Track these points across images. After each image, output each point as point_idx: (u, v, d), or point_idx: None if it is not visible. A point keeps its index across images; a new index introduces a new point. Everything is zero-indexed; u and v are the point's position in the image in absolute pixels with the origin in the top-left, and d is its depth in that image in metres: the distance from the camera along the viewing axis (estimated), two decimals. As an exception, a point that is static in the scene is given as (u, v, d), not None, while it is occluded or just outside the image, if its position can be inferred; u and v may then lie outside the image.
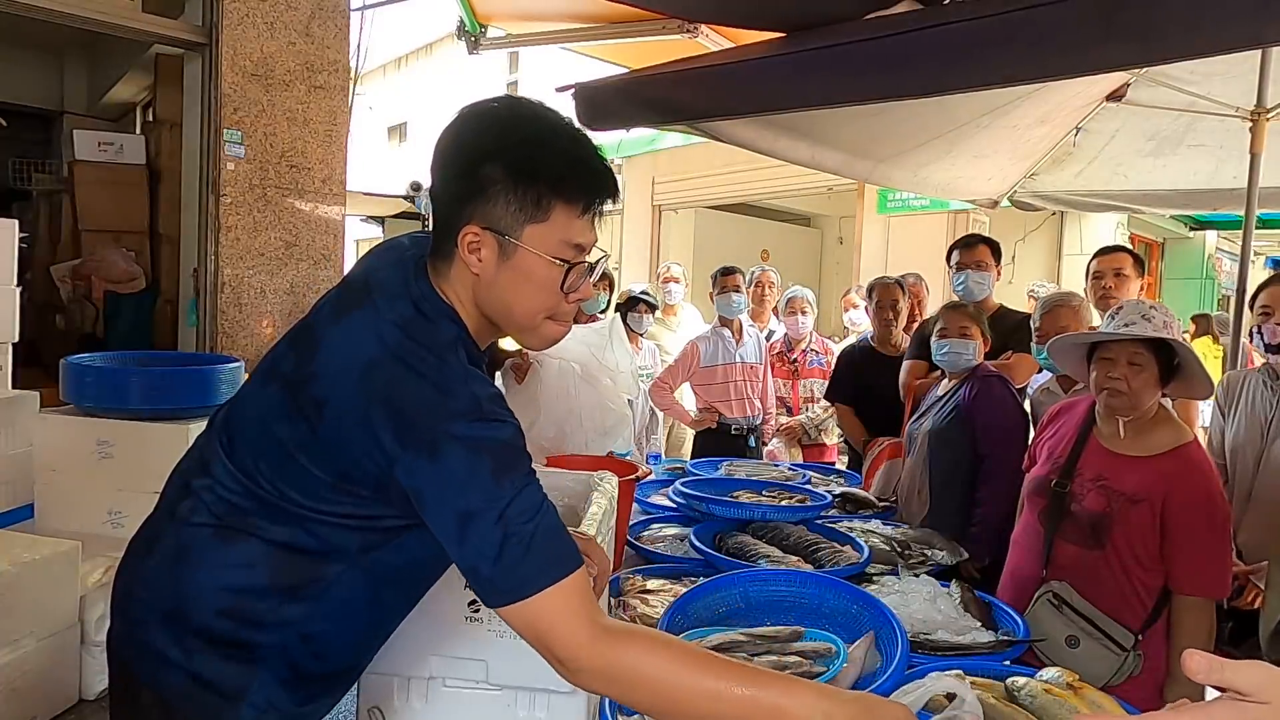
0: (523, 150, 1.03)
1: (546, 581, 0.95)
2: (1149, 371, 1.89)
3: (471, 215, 1.03)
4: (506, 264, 1.04)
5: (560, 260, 1.05)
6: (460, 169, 1.05)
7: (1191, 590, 1.83)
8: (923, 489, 2.65)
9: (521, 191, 1.02)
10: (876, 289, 3.69)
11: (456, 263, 1.07)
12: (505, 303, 1.07)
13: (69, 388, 3.11)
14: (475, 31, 3.82)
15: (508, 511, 0.96)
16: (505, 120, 1.05)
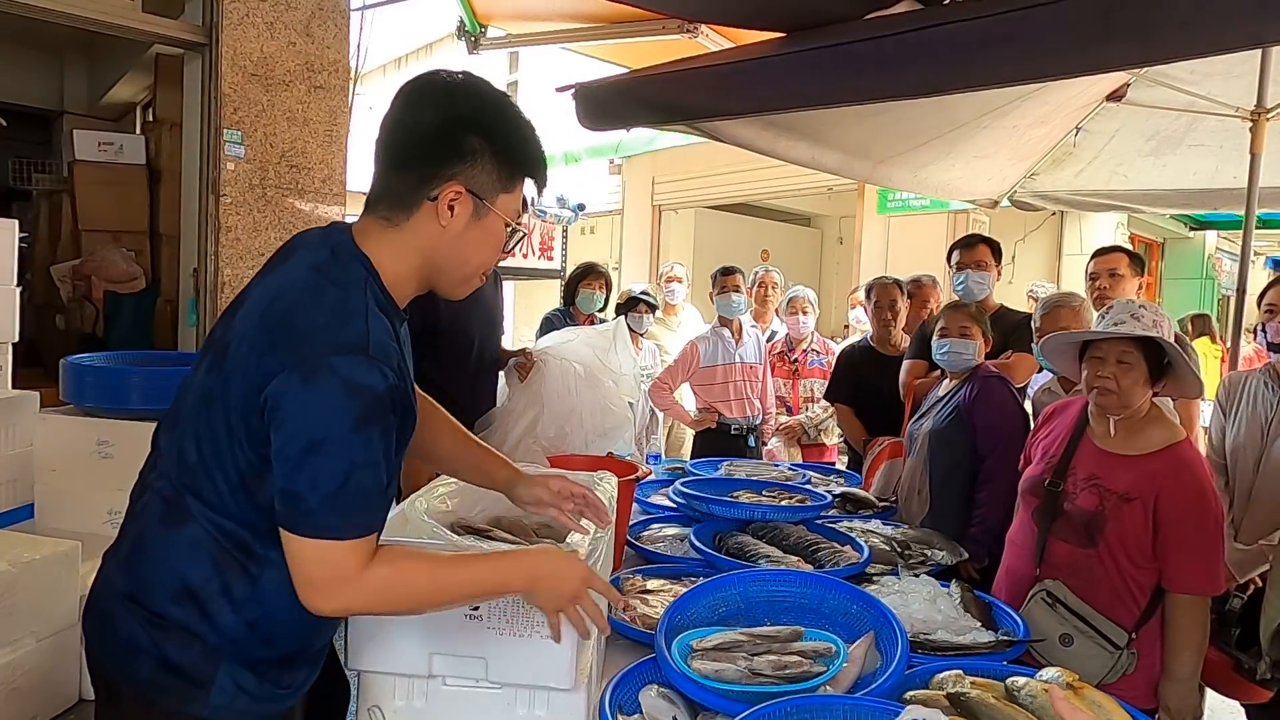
0: (506, 129, 1.18)
1: (352, 534, 1.05)
2: (1138, 370, 1.89)
3: (452, 176, 1.14)
4: (477, 224, 1.17)
5: (510, 226, 1.21)
6: (441, 134, 1.15)
7: (1184, 588, 1.83)
8: (923, 489, 2.65)
9: (503, 162, 1.17)
10: (875, 289, 3.69)
11: (417, 218, 1.16)
12: (464, 256, 1.19)
13: (69, 388, 3.11)
14: (475, 31, 3.83)
15: (355, 459, 1.04)
16: (487, 96, 1.18)
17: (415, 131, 1.16)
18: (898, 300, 3.61)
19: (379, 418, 1.07)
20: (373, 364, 1.06)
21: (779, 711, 1.26)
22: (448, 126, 1.15)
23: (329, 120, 4.83)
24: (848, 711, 1.28)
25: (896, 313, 3.59)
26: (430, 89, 1.19)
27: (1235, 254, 3.79)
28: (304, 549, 1.05)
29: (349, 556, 1.06)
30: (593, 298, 4.22)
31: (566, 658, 1.20)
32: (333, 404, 1.03)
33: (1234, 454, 2.48)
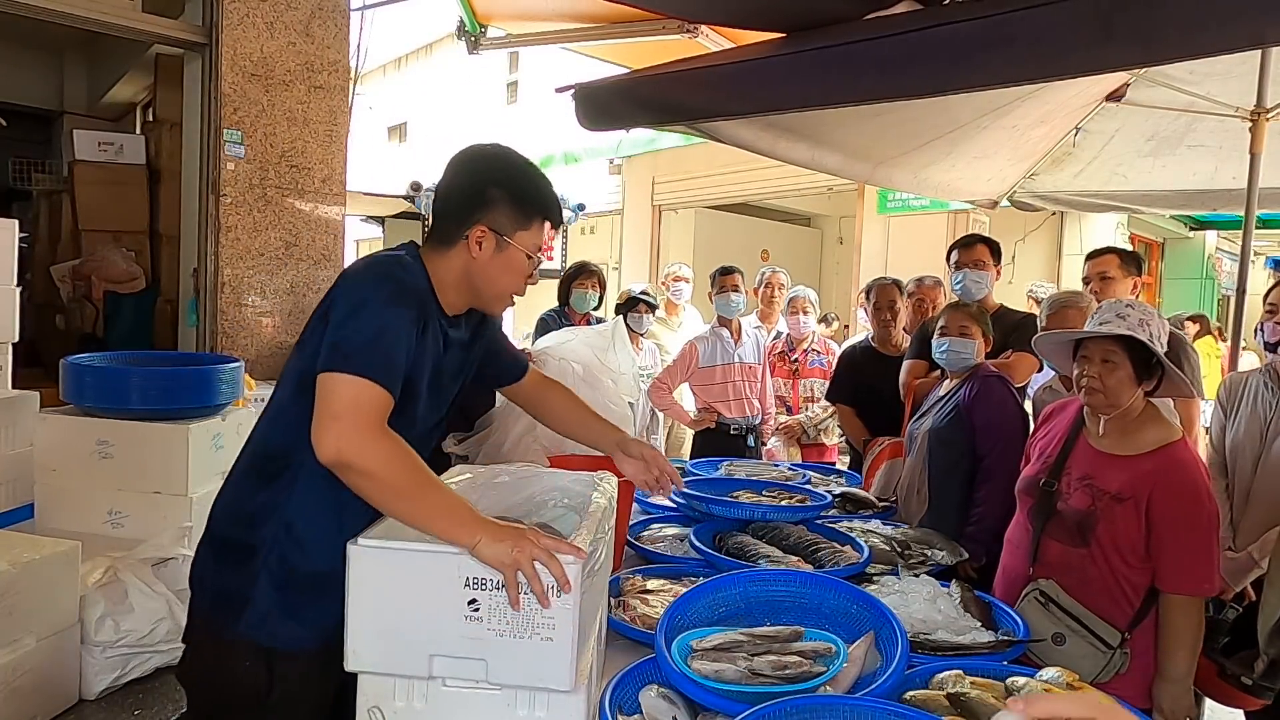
0: (521, 181, 1.51)
1: (378, 379, 1.28)
2: (1123, 369, 1.90)
3: (478, 221, 1.46)
4: (500, 255, 1.48)
5: (531, 257, 1.52)
6: (471, 189, 1.49)
7: (1177, 588, 1.82)
8: (921, 488, 2.65)
9: (518, 207, 1.48)
10: (874, 290, 3.70)
11: (457, 249, 1.49)
12: (492, 279, 1.50)
13: (69, 388, 3.11)
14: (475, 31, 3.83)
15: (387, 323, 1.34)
16: (505, 159, 1.53)
17: (453, 190, 1.51)
18: (896, 300, 3.61)
19: (409, 305, 1.38)
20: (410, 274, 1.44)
21: (779, 712, 1.26)
22: (474, 183, 1.49)
23: (329, 120, 4.83)
24: (848, 712, 1.28)
25: (896, 313, 3.60)
26: (464, 157, 1.53)
27: (1235, 254, 3.79)
28: (336, 383, 1.27)
29: (370, 398, 1.28)
30: (586, 297, 4.22)
31: (566, 659, 1.20)
32: (372, 283, 1.38)
33: (1234, 454, 2.48)
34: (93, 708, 2.54)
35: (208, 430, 3.15)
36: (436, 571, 1.21)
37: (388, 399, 1.30)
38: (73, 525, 3.00)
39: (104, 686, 2.56)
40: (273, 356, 4.68)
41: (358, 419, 1.26)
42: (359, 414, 1.26)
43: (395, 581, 1.22)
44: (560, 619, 1.20)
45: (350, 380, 1.27)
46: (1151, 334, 1.90)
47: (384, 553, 1.23)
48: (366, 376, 1.27)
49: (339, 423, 1.25)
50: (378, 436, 1.27)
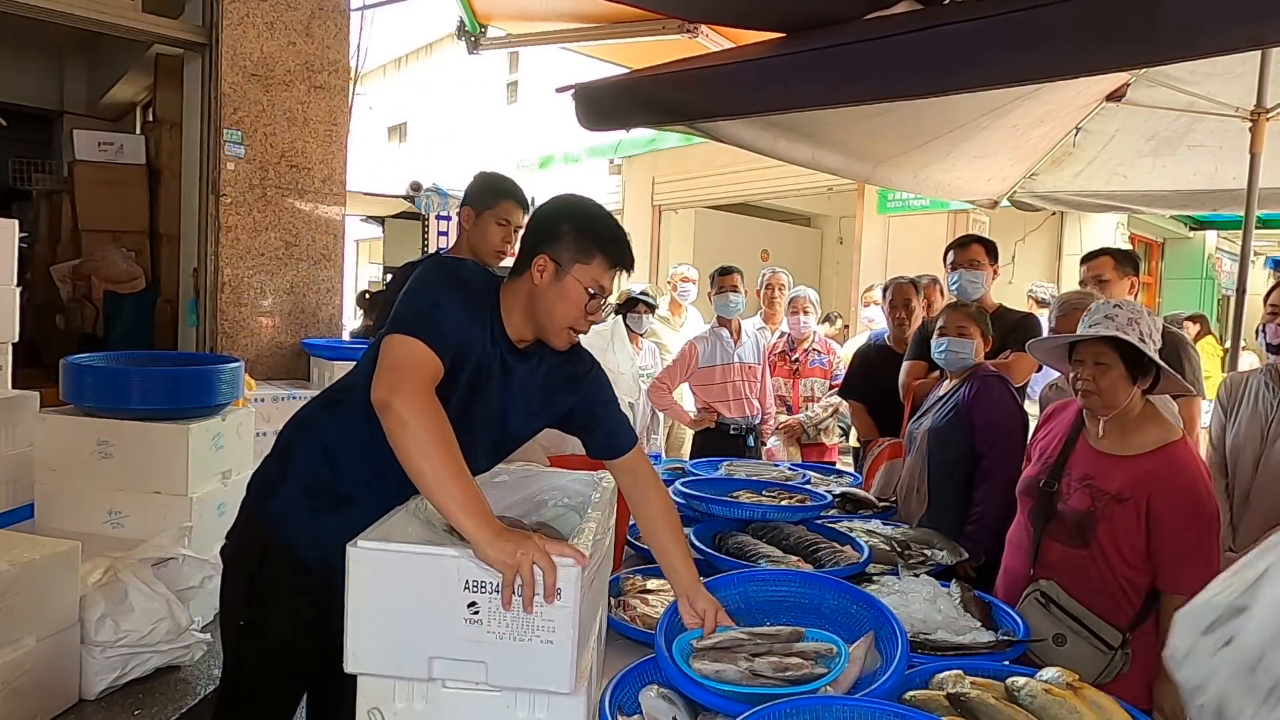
0: (586, 220, 1.61)
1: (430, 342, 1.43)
2: (1116, 370, 1.90)
3: (544, 249, 1.57)
4: (557, 283, 1.57)
5: (589, 291, 1.57)
6: (545, 223, 1.61)
7: (1178, 589, 1.82)
8: (921, 487, 2.65)
9: (579, 241, 1.57)
10: (891, 288, 3.70)
11: (524, 277, 1.60)
12: (550, 308, 1.58)
13: (69, 388, 3.10)
14: (475, 31, 3.83)
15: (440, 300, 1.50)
16: (582, 203, 1.65)
17: (530, 226, 1.65)
18: (912, 299, 3.62)
19: (462, 291, 1.54)
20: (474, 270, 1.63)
21: (779, 712, 1.26)
22: (549, 219, 1.61)
23: (329, 120, 4.83)
24: (848, 712, 1.28)
25: (911, 311, 3.60)
26: (550, 200, 1.67)
27: (1235, 254, 3.79)
28: (393, 342, 1.44)
29: (420, 355, 1.42)
30: None
31: (566, 661, 1.20)
32: (435, 268, 1.57)
33: (1234, 454, 2.48)
34: (93, 708, 2.54)
35: (208, 430, 3.14)
36: (436, 574, 1.21)
37: (436, 362, 1.44)
38: (73, 525, 2.99)
39: (104, 686, 2.56)
40: (273, 356, 4.68)
41: (405, 369, 1.41)
42: (408, 366, 1.41)
43: (395, 584, 1.22)
44: (560, 621, 1.20)
45: (404, 339, 1.43)
46: (1142, 333, 1.89)
47: (384, 555, 1.23)
48: (418, 337, 1.43)
49: (390, 371, 1.41)
50: (421, 390, 1.39)
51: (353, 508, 1.52)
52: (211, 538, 3.19)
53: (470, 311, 1.54)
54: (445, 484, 1.30)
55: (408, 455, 1.34)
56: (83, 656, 2.53)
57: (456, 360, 1.51)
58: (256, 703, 1.68)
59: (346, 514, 1.48)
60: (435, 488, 1.31)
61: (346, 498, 1.59)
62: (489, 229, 2.57)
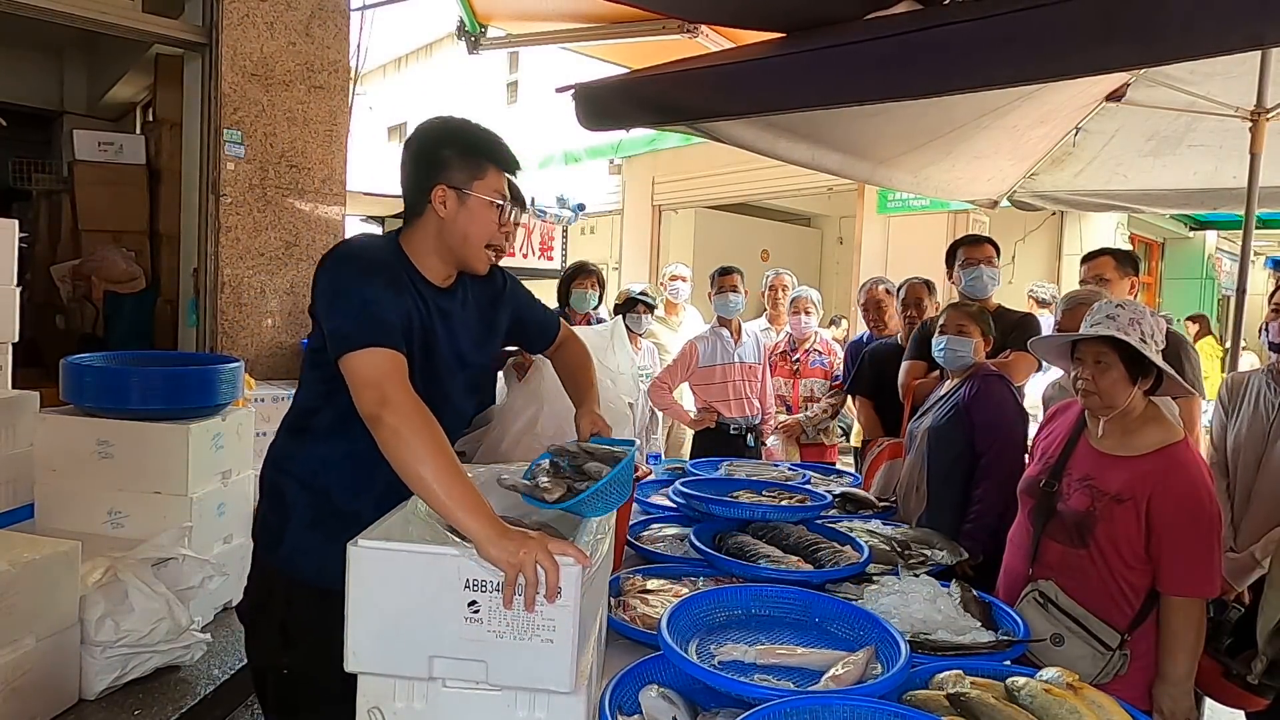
0: (463, 136, 1.62)
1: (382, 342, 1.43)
2: (1116, 370, 1.89)
3: (437, 181, 1.58)
4: (463, 209, 1.59)
5: (496, 203, 1.61)
6: (424, 157, 1.61)
7: (1178, 590, 1.82)
8: (920, 486, 2.65)
9: (466, 160, 1.59)
10: (905, 288, 3.70)
11: (426, 216, 1.61)
12: (464, 234, 1.61)
13: (69, 388, 3.10)
14: (475, 31, 3.83)
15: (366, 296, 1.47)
16: (446, 122, 1.65)
17: (409, 166, 1.63)
18: (924, 298, 3.62)
19: (376, 273, 1.51)
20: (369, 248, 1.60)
21: (779, 712, 1.26)
22: (425, 151, 1.61)
23: (329, 120, 4.83)
24: (848, 712, 1.28)
25: (922, 310, 3.60)
26: (412, 136, 1.65)
27: (1235, 254, 3.79)
28: (354, 361, 1.42)
29: (383, 359, 1.42)
30: (586, 296, 4.22)
31: (566, 660, 1.20)
32: (338, 270, 1.52)
33: (1235, 454, 2.47)
34: (93, 708, 2.54)
35: (208, 430, 3.15)
36: (436, 573, 1.21)
37: (396, 356, 1.45)
38: (73, 525, 3.00)
39: (104, 686, 2.56)
40: (273, 356, 4.68)
41: (380, 378, 1.41)
42: (380, 374, 1.41)
43: (395, 583, 1.22)
44: (560, 621, 1.20)
45: (360, 353, 1.43)
46: (1144, 333, 1.88)
47: (384, 554, 1.23)
48: (370, 345, 1.43)
49: (368, 388, 1.40)
50: (403, 395, 1.40)
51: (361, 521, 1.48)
52: (211, 538, 3.19)
53: (394, 287, 1.53)
54: (445, 487, 1.30)
55: (404, 464, 1.34)
56: (83, 656, 2.53)
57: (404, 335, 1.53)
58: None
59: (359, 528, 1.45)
60: (435, 492, 1.31)
61: (352, 515, 1.53)
62: None
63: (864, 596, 1.85)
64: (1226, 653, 2.02)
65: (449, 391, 1.68)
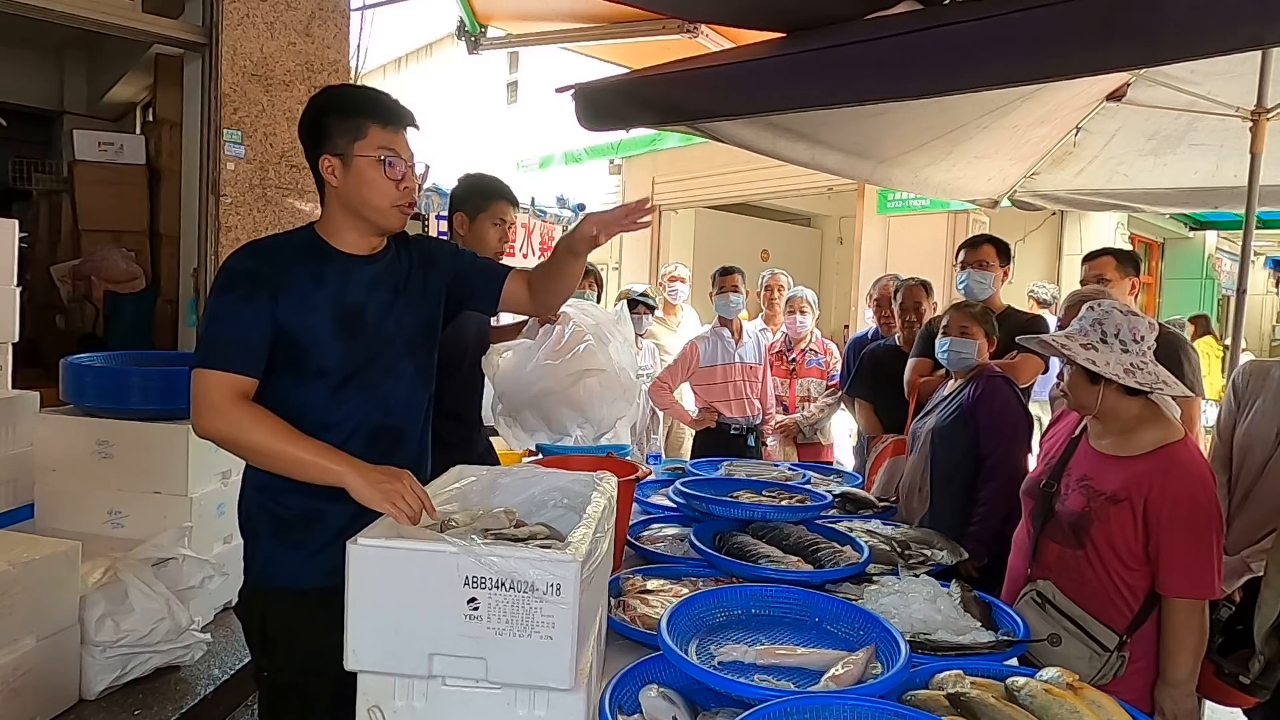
0: (334, 102, 1.62)
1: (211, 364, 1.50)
2: (1077, 372, 1.91)
3: (321, 152, 1.60)
4: (351, 173, 1.59)
5: (381, 159, 1.58)
6: (309, 130, 1.62)
7: (1176, 591, 1.81)
8: (923, 486, 2.65)
9: (344, 124, 1.58)
10: (902, 291, 3.70)
11: (326, 189, 1.63)
12: (361, 198, 1.60)
13: (69, 388, 3.10)
14: (475, 31, 3.83)
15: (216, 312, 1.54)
16: (323, 93, 1.66)
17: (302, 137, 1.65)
18: (923, 301, 3.62)
19: (237, 284, 1.53)
20: (247, 254, 1.58)
21: (779, 712, 1.26)
22: (308, 125, 1.63)
23: (329, 120, 4.82)
24: (848, 712, 1.28)
25: (921, 314, 3.60)
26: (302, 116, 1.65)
27: (1235, 254, 3.79)
28: (192, 378, 1.50)
29: (213, 383, 1.49)
30: (584, 296, 4.21)
31: (566, 657, 1.20)
32: (217, 278, 1.57)
33: (1242, 450, 2.39)
34: (93, 708, 2.54)
35: (208, 430, 3.15)
36: (436, 571, 1.21)
37: (231, 378, 1.50)
38: (73, 525, 3.00)
39: (104, 686, 2.56)
40: (273, 356, 4.67)
41: (206, 403, 1.49)
42: (206, 399, 1.49)
43: (395, 581, 1.22)
44: (560, 618, 1.19)
45: (197, 374, 1.51)
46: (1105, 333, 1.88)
47: (384, 552, 1.23)
48: (205, 366, 1.50)
49: (196, 412, 1.50)
50: (225, 411, 1.48)
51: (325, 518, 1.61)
52: (211, 538, 3.19)
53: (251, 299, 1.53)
54: (299, 464, 1.45)
55: (254, 459, 1.50)
56: (83, 656, 2.53)
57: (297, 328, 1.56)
58: None
59: (322, 524, 1.61)
60: (295, 472, 1.46)
61: (314, 514, 1.62)
62: (486, 231, 2.51)
63: (864, 596, 1.85)
64: (1218, 651, 2.01)
65: (390, 361, 1.68)
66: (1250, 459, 2.36)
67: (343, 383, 1.62)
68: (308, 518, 1.62)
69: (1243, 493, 2.38)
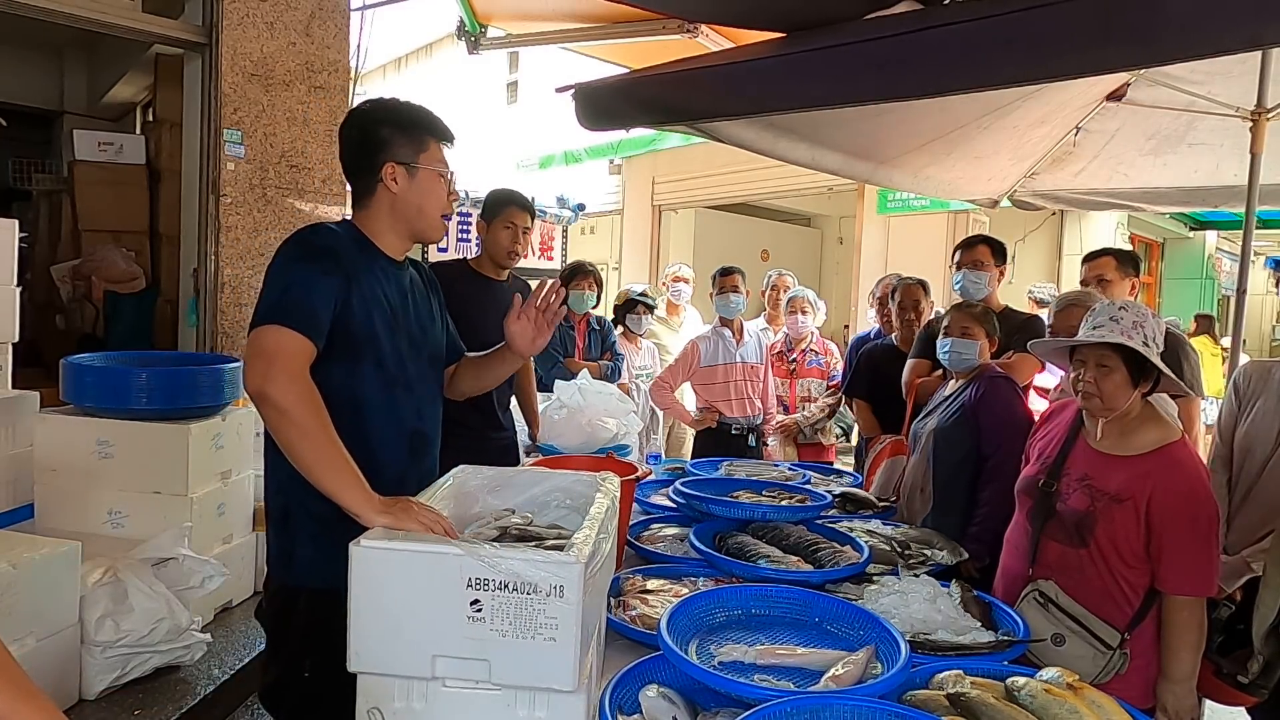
0: (399, 114, 1.70)
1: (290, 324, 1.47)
2: (1119, 374, 1.89)
3: (384, 160, 1.67)
4: (414, 182, 1.68)
5: (443, 174, 1.71)
6: (365, 139, 1.69)
7: (1177, 589, 1.82)
8: (925, 487, 2.65)
9: (409, 136, 1.68)
10: (900, 290, 3.70)
11: (378, 194, 1.69)
12: (420, 207, 1.70)
13: (69, 388, 3.10)
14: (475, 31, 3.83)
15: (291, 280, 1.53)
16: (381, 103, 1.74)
17: (350, 150, 1.72)
18: (921, 300, 3.62)
19: (315, 259, 1.56)
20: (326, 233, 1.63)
21: (779, 712, 1.26)
22: (365, 134, 1.69)
23: (329, 120, 4.83)
24: (848, 712, 1.28)
25: (920, 313, 3.60)
26: (347, 121, 1.74)
27: (1235, 254, 3.79)
28: (258, 334, 1.47)
29: (288, 341, 1.46)
30: (583, 298, 4.21)
31: (570, 659, 1.20)
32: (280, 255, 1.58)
33: (1242, 449, 2.39)
34: (93, 708, 2.54)
35: (208, 430, 3.14)
36: (439, 572, 1.21)
37: (305, 343, 1.48)
38: (73, 525, 2.99)
39: (104, 686, 2.56)
40: (273, 356, 4.67)
41: (277, 358, 1.44)
42: (278, 354, 1.44)
43: (398, 583, 1.22)
44: (564, 619, 1.20)
45: (268, 328, 1.47)
46: (1146, 336, 1.88)
47: (387, 554, 1.23)
48: (280, 323, 1.47)
49: (260, 360, 1.44)
50: (295, 377, 1.44)
51: None
52: (211, 538, 3.19)
53: (332, 274, 1.56)
54: (330, 466, 1.40)
55: (290, 443, 1.42)
56: (83, 656, 2.53)
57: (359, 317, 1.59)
58: None
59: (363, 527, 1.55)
60: (321, 471, 1.41)
61: None
62: (499, 234, 2.84)
63: (864, 596, 1.85)
64: (1217, 651, 2.02)
65: (422, 369, 1.75)
66: (1250, 459, 2.37)
67: (393, 382, 1.67)
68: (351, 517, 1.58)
69: (1243, 492, 2.39)
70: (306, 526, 1.63)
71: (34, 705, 0.92)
